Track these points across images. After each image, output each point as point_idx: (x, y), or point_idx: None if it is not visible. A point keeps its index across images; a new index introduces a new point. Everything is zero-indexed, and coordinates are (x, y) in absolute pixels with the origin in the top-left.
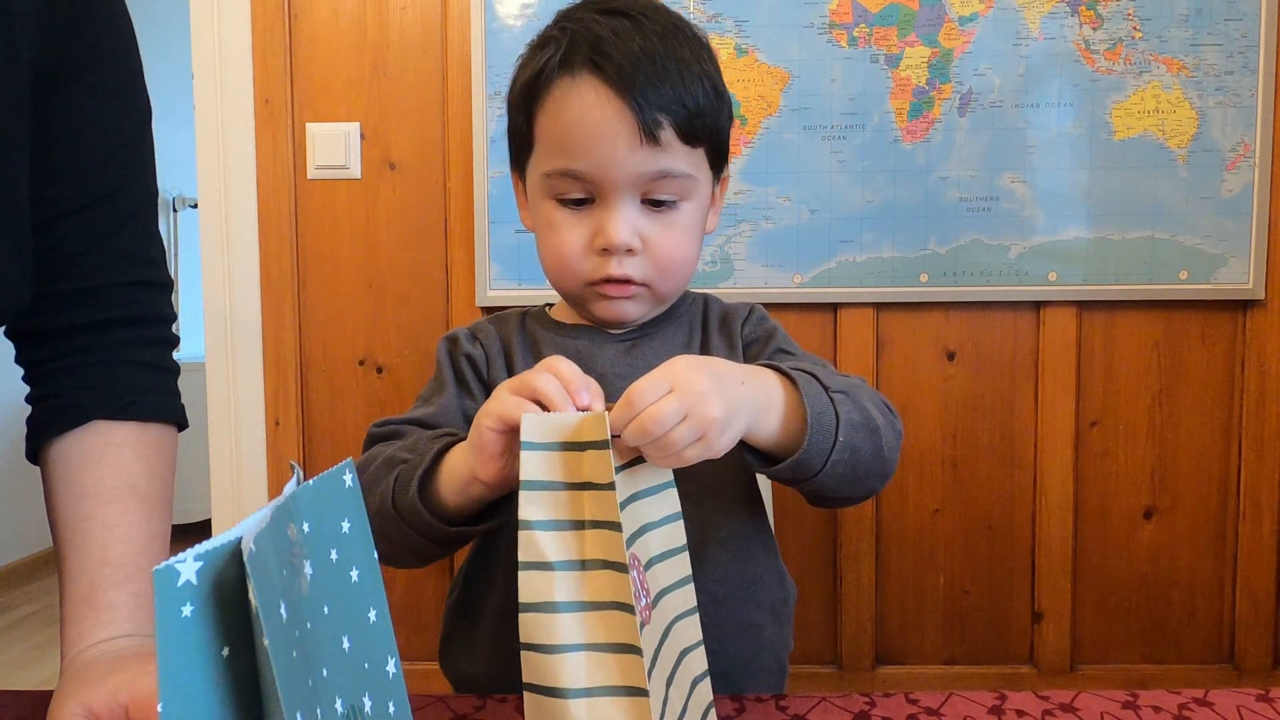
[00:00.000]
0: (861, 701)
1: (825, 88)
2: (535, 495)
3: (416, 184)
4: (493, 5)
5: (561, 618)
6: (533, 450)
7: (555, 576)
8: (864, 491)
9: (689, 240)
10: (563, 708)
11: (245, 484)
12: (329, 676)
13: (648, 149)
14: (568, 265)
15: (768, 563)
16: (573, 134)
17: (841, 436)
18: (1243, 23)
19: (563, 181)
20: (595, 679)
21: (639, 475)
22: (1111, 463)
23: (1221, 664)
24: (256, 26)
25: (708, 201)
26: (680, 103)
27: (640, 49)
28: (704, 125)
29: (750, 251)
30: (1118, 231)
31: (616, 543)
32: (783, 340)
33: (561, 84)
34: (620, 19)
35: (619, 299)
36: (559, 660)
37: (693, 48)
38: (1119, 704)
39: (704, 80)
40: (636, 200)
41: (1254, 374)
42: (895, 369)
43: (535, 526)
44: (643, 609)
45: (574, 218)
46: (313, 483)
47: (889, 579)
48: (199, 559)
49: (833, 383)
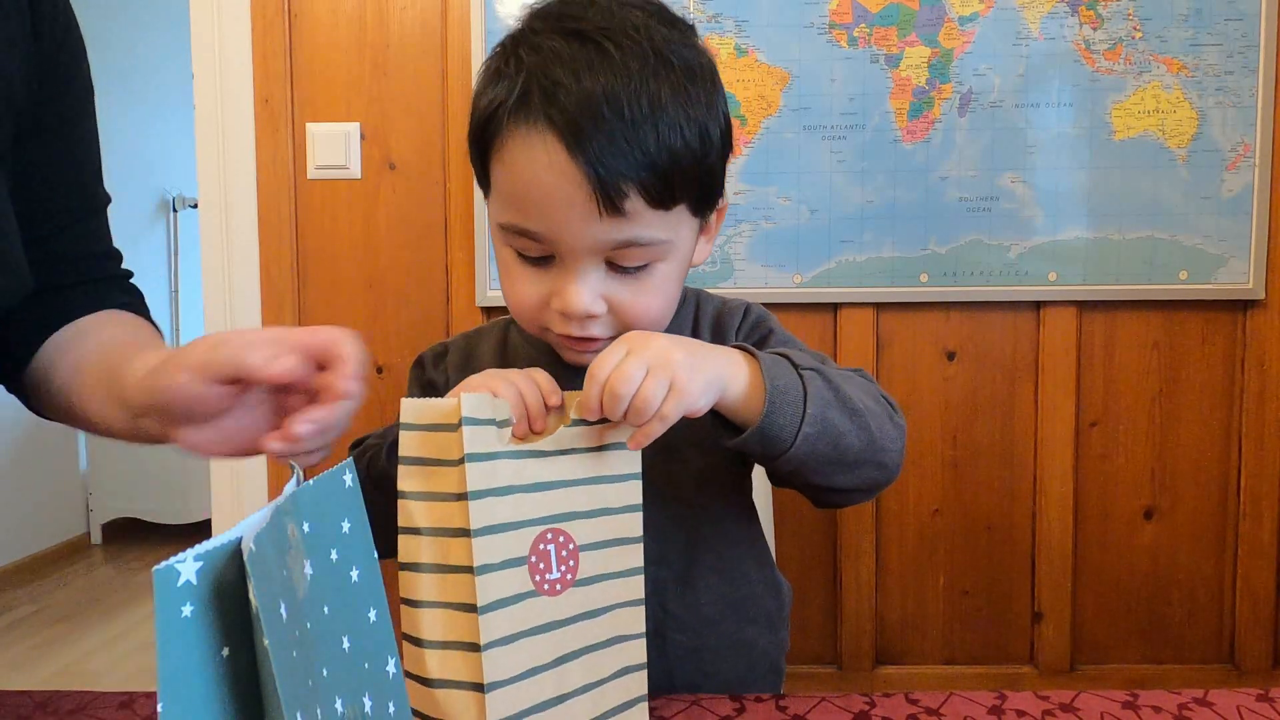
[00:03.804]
0: (861, 701)
1: (825, 88)
2: (409, 469)
3: (416, 184)
4: (493, 5)
5: (424, 577)
6: (409, 430)
7: (422, 541)
8: (860, 480)
9: (663, 297)
10: (423, 656)
11: (245, 484)
12: (329, 676)
13: (609, 220)
14: (526, 316)
15: (760, 576)
16: (525, 194)
17: (810, 408)
18: (1243, 23)
19: (518, 239)
20: (449, 634)
21: (607, 460)
22: (1111, 463)
23: (1221, 664)
24: (256, 26)
25: (690, 249)
26: (649, 165)
27: (603, 93)
28: (682, 181)
29: (750, 251)
30: (1118, 231)
31: (464, 511)
32: (780, 340)
33: (514, 133)
34: (586, 46)
35: (584, 351)
36: (420, 614)
37: (675, 82)
38: (1119, 704)
39: (684, 127)
40: (600, 265)
41: (1254, 374)
42: (895, 369)
43: (409, 496)
44: (552, 582)
45: (533, 273)
46: (313, 483)
47: (889, 579)
48: (199, 559)
49: (806, 362)
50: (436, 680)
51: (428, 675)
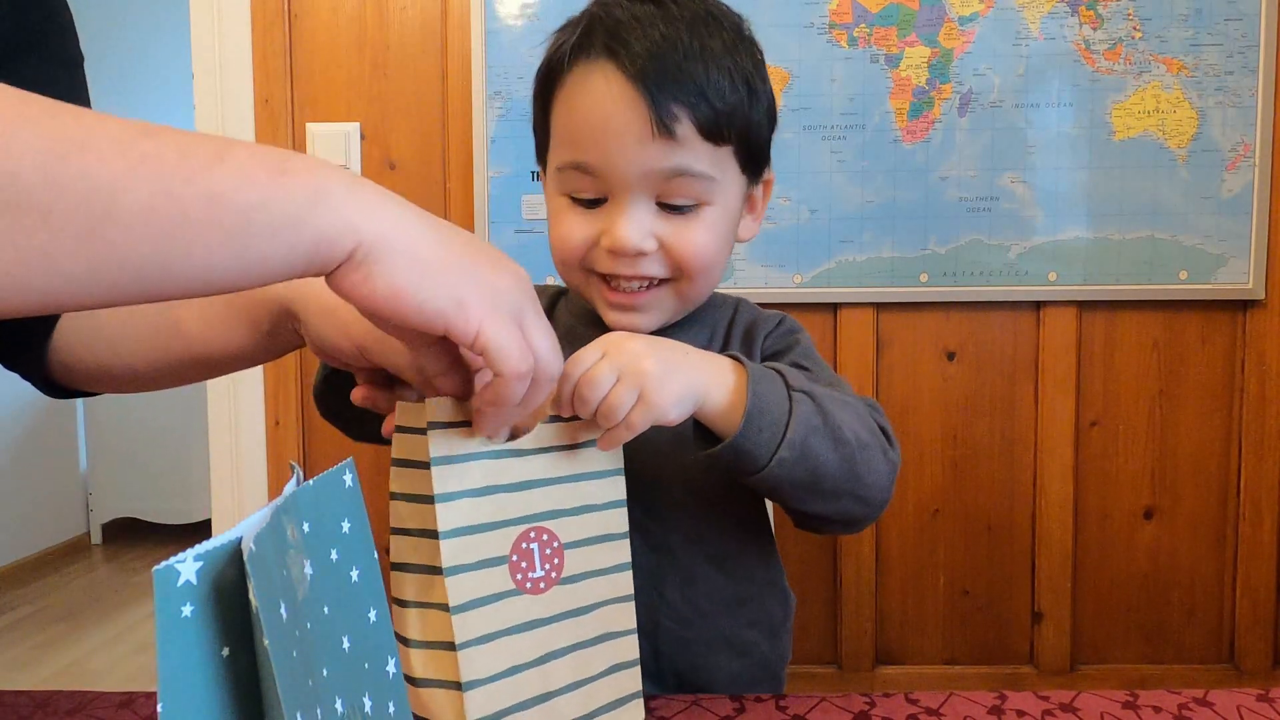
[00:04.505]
0: (861, 701)
1: (825, 88)
2: (399, 471)
3: (416, 184)
4: (493, 5)
5: (409, 577)
6: (401, 433)
7: (410, 541)
8: (838, 511)
9: (713, 238)
10: (409, 656)
11: (245, 484)
12: (329, 676)
13: (661, 143)
14: (572, 258)
15: (764, 579)
16: (583, 124)
17: (791, 433)
18: (1243, 23)
19: (574, 176)
20: (431, 634)
21: (589, 457)
22: (1111, 463)
23: (1221, 664)
24: (256, 26)
25: (737, 206)
26: (701, 94)
27: (662, 36)
28: (730, 121)
29: (750, 251)
30: (1118, 231)
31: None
32: (801, 354)
33: (576, 71)
34: (647, 5)
35: (628, 309)
36: (407, 614)
37: (726, 39)
38: (1119, 704)
39: (734, 74)
40: (651, 202)
41: (1254, 374)
42: (895, 369)
43: (399, 498)
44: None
45: (584, 215)
46: (313, 483)
47: (889, 579)
48: (199, 559)
49: (801, 384)
50: (421, 679)
51: (414, 674)
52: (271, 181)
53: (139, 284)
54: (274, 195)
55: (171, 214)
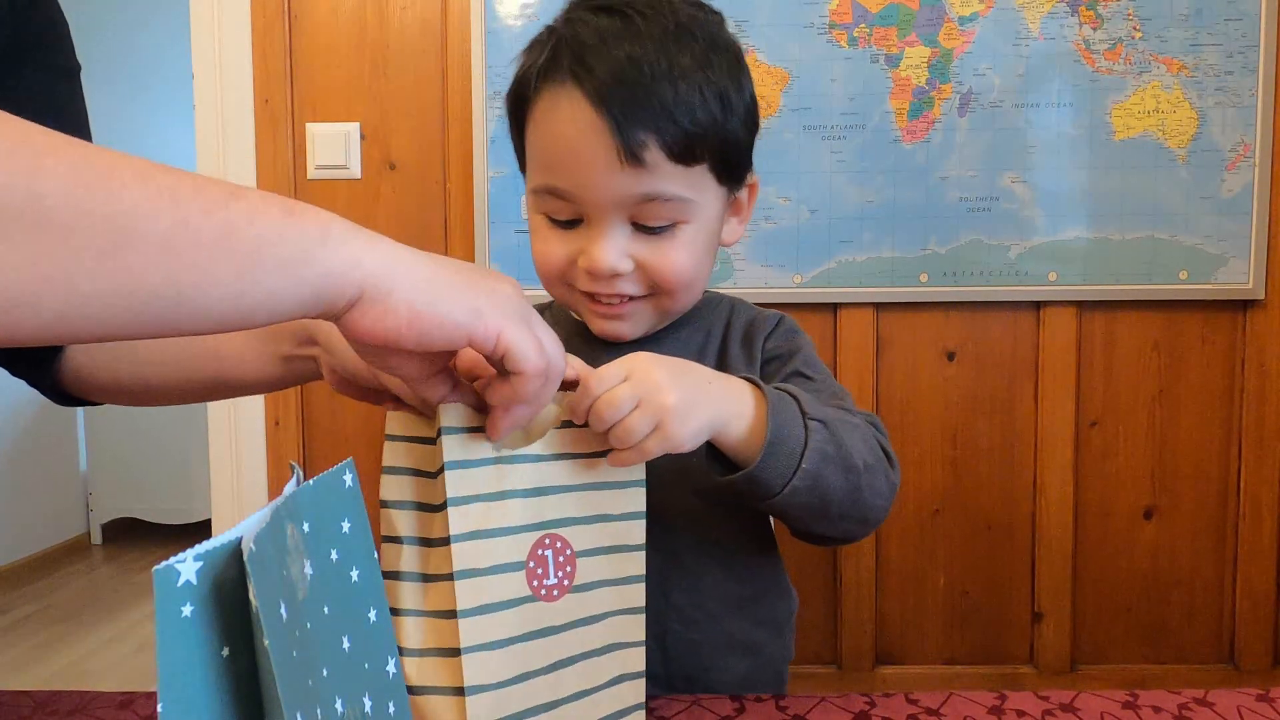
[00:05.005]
0: (861, 701)
1: (825, 88)
2: (393, 479)
3: (416, 184)
4: (493, 5)
5: (404, 585)
6: (394, 441)
7: (403, 550)
8: (838, 532)
9: (690, 255)
10: (403, 664)
11: (245, 484)
12: (329, 676)
13: (630, 170)
14: (553, 275)
15: (770, 578)
16: (553, 150)
17: (806, 464)
18: (1243, 23)
19: (549, 200)
20: (428, 641)
21: (605, 466)
22: (1111, 463)
23: (1221, 664)
24: (256, 26)
25: (716, 217)
26: (669, 117)
27: (628, 57)
28: (703, 141)
29: (750, 251)
30: (1118, 231)
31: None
32: (803, 362)
33: (544, 95)
34: (614, 18)
35: (612, 318)
36: (402, 622)
37: (698, 53)
38: (1119, 704)
39: (705, 90)
40: (626, 224)
41: (1254, 374)
42: (895, 369)
43: (391, 506)
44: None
45: (562, 235)
46: (313, 483)
47: (889, 579)
48: (199, 559)
49: (815, 410)
50: (416, 687)
51: (409, 682)
52: (283, 219)
53: (150, 312)
54: (286, 232)
55: (188, 243)
